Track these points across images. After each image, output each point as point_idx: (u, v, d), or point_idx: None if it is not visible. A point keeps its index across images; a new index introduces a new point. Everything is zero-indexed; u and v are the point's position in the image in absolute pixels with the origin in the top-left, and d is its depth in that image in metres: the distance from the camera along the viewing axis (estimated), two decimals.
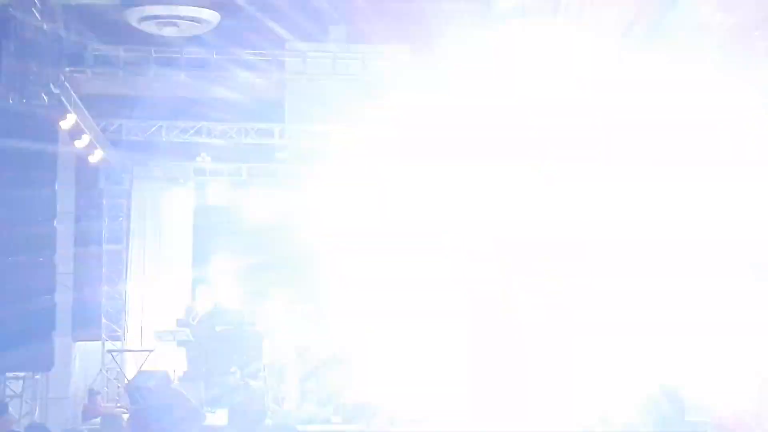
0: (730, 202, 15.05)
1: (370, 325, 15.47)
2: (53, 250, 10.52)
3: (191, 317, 14.89)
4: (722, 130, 14.98)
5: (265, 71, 13.90)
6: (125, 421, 6.94)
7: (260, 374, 14.78)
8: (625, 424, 12.77)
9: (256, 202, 17.36)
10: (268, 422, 12.34)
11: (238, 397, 12.93)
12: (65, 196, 15.61)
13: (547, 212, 17.16)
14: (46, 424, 10.63)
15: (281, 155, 17.26)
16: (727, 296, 14.83)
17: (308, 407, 14.28)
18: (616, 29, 16.03)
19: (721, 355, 14.48)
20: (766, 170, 14.65)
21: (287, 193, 17.48)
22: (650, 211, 15.92)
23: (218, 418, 13.65)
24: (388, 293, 16.52)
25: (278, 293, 13.64)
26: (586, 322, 16.53)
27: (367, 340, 14.72)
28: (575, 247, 16.41)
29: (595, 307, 16.48)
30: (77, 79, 14.00)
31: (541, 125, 15.47)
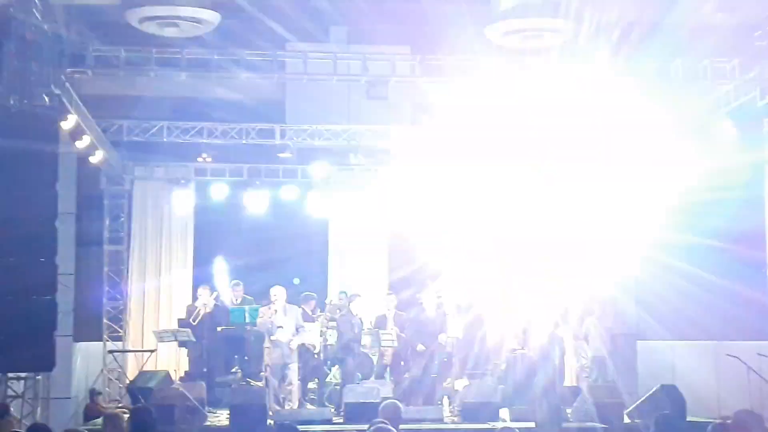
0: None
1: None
2: (54, 250, 10.54)
3: (192, 317, 14.88)
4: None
5: (265, 72, 13.88)
6: (126, 421, 6.93)
7: (261, 374, 14.78)
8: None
9: (257, 201, 17.37)
10: (269, 422, 12.34)
11: (239, 397, 12.91)
12: (66, 196, 15.61)
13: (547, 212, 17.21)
14: (47, 424, 10.63)
15: (283, 155, 17.29)
16: None
17: (309, 407, 14.28)
18: (615, 30, 16.06)
19: None
20: None
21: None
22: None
23: (220, 418, 13.68)
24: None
25: (279, 293, 13.59)
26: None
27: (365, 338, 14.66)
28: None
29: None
30: (78, 79, 14.01)
31: (540, 125, 15.48)
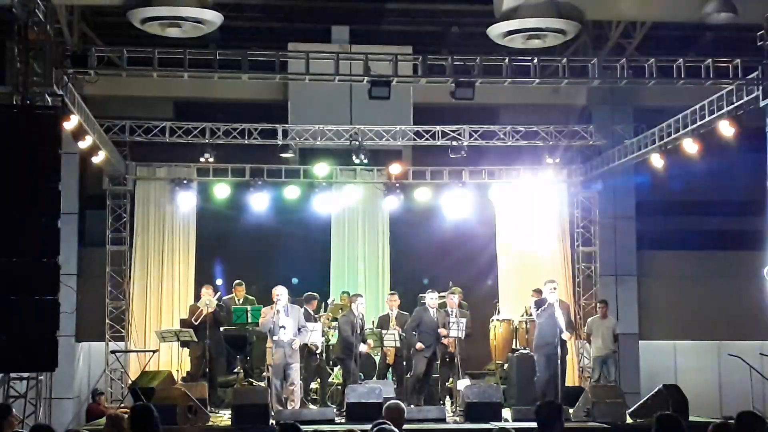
0: None
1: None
2: (57, 250, 10.51)
3: (194, 317, 14.88)
4: None
5: (267, 72, 13.88)
6: (127, 420, 6.92)
7: (263, 374, 14.78)
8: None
9: (260, 201, 17.37)
10: (271, 422, 12.33)
11: (241, 397, 12.90)
12: (69, 196, 15.68)
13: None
14: (49, 424, 10.64)
15: (285, 155, 17.30)
16: None
17: (312, 407, 14.27)
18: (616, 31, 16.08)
19: None
20: None
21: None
22: None
23: (222, 418, 13.68)
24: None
25: (281, 293, 13.58)
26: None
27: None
28: None
29: None
30: (81, 80, 14.03)
31: None
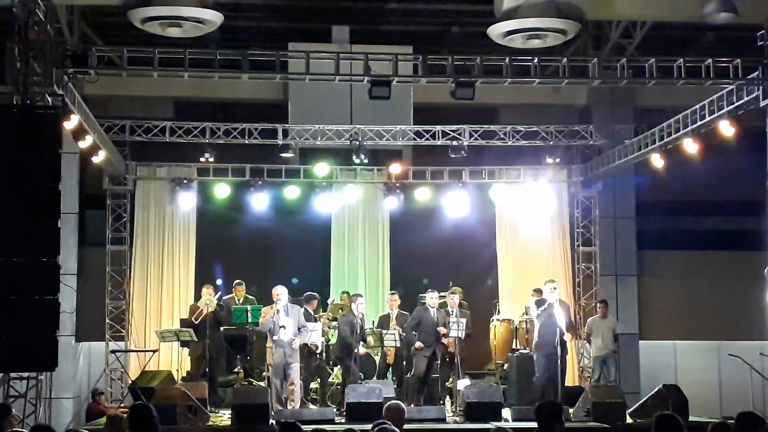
0: None
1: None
2: (57, 250, 10.53)
3: (195, 317, 14.88)
4: None
5: (268, 72, 13.87)
6: (126, 420, 6.91)
7: (263, 374, 14.78)
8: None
9: (260, 201, 17.37)
10: (271, 422, 12.33)
11: (241, 397, 12.90)
12: (69, 196, 15.67)
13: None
14: (49, 424, 10.64)
15: (285, 155, 17.31)
16: None
17: (312, 407, 14.27)
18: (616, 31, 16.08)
19: None
20: None
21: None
22: None
23: (222, 418, 13.67)
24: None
25: (281, 293, 13.58)
26: None
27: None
28: None
29: None
30: (81, 79, 14.00)
31: None
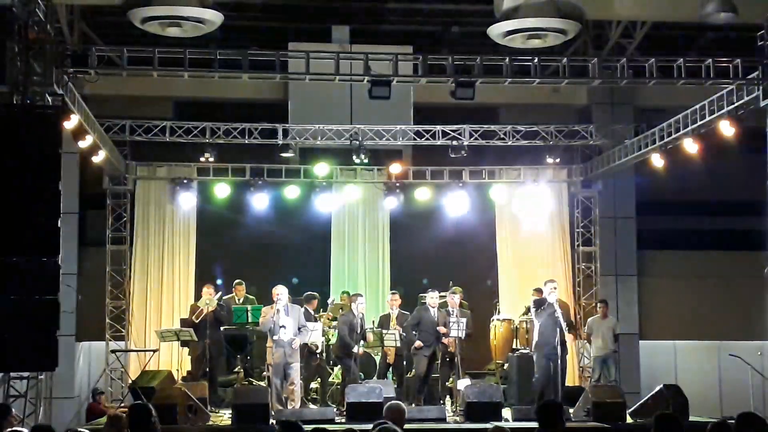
0: None
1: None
2: (57, 250, 10.52)
3: (195, 315, 14.88)
4: None
5: (268, 72, 13.87)
6: (125, 420, 6.92)
7: (264, 374, 14.78)
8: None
9: (260, 201, 17.37)
10: (271, 422, 12.32)
11: (241, 397, 12.90)
12: (69, 196, 15.63)
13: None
14: (50, 423, 10.65)
15: (285, 155, 17.32)
16: None
17: (312, 407, 14.26)
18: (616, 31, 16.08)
19: None
20: None
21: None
22: None
23: (222, 418, 13.68)
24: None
25: (282, 292, 13.58)
26: None
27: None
28: None
29: None
30: (81, 79, 14.00)
31: None
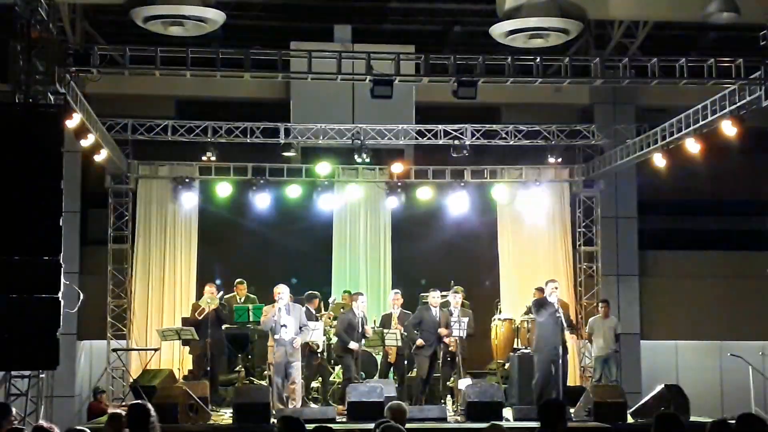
0: None
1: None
2: (58, 248, 10.53)
3: (197, 313, 14.88)
4: None
5: (270, 71, 13.87)
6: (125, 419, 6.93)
7: (265, 373, 14.78)
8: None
9: (262, 200, 17.38)
10: (272, 421, 12.33)
11: (242, 396, 12.90)
12: (71, 195, 15.66)
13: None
14: (51, 422, 10.62)
15: (287, 154, 17.33)
16: None
17: (313, 406, 14.26)
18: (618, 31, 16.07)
19: None
20: None
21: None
22: None
23: (223, 417, 13.68)
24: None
25: (283, 291, 13.59)
26: None
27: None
28: None
29: None
30: (83, 78, 14.00)
31: None
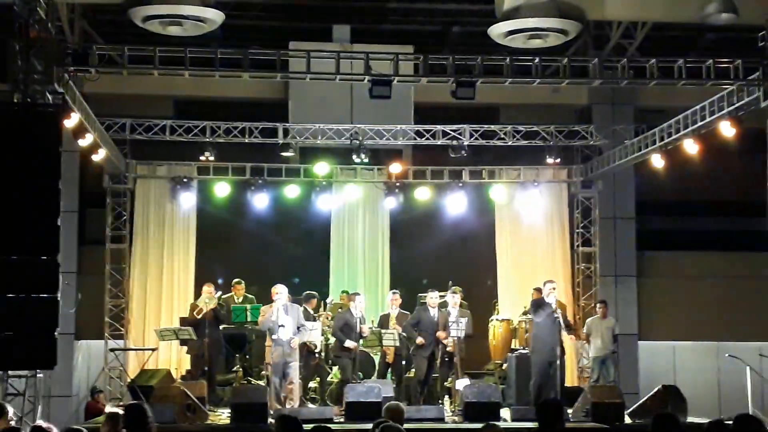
0: None
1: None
2: (56, 248, 10.52)
3: (195, 312, 14.88)
4: None
5: (268, 71, 13.87)
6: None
7: (262, 373, 14.78)
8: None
9: (260, 200, 17.37)
10: (270, 421, 12.32)
11: (240, 396, 12.90)
12: (69, 194, 15.65)
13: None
14: (48, 422, 10.61)
15: (286, 154, 17.33)
16: None
17: (311, 406, 14.26)
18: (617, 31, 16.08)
19: None
20: None
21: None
22: None
23: (221, 417, 13.68)
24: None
25: (281, 291, 13.58)
26: None
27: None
28: None
29: None
30: (81, 78, 14.00)
31: None
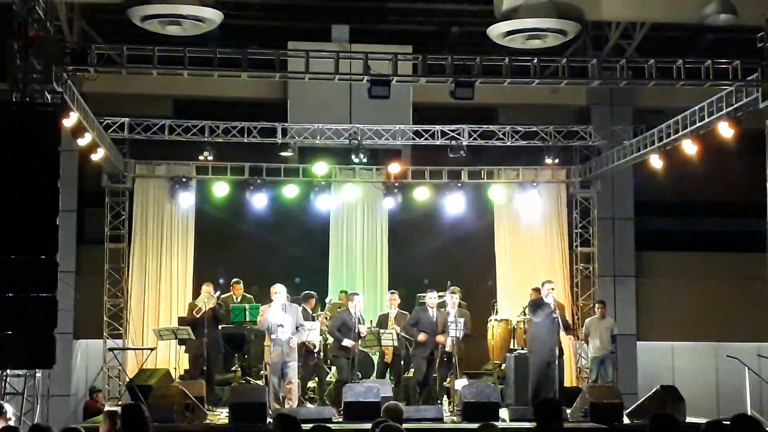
0: None
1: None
2: (55, 247, 10.52)
3: (194, 311, 14.88)
4: None
5: (267, 71, 13.87)
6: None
7: (261, 373, 14.78)
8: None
9: (258, 200, 17.38)
10: (268, 421, 12.32)
11: (239, 395, 12.90)
12: (68, 194, 15.65)
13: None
14: (47, 421, 10.64)
15: (284, 154, 17.34)
16: None
17: (309, 406, 14.27)
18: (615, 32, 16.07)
19: None
20: None
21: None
22: None
23: (219, 416, 13.68)
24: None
25: (280, 291, 13.59)
26: None
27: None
28: None
29: None
30: (80, 77, 13.99)
31: None
